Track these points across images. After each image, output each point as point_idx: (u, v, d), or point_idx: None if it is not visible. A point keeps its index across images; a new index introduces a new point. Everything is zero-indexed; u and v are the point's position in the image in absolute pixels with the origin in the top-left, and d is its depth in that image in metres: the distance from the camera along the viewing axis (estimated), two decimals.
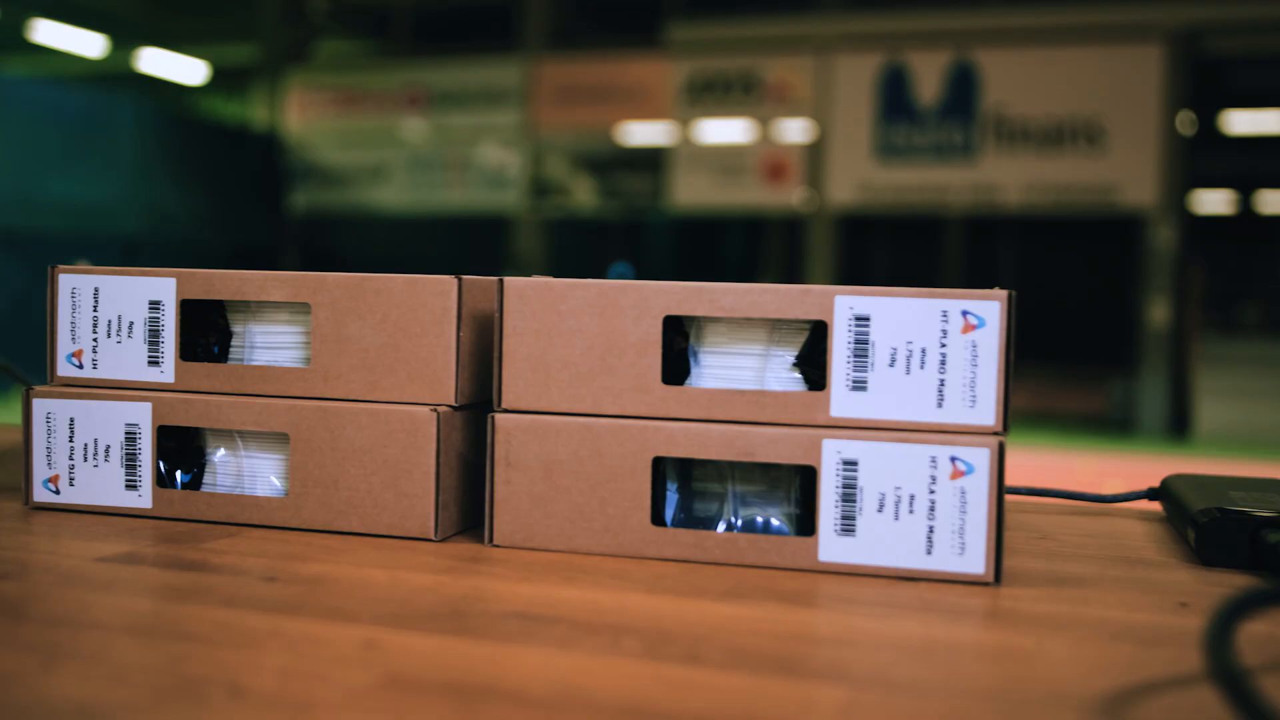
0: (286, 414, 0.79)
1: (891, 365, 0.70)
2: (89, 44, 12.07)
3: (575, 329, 0.74)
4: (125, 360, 0.83)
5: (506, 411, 0.76)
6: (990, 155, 9.48)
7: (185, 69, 13.33)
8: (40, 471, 0.84)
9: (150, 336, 0.82)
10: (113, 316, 0.83)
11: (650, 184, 11.52)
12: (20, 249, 9.21)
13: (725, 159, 10.81)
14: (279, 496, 0.80)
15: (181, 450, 0.83)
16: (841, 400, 0.70)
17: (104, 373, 0.84)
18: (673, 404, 0.73)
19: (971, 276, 10.17)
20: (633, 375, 0.73)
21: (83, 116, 10.40)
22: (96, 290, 0.83)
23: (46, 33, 11.39)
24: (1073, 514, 0.91)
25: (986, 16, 9.53)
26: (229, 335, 0.84)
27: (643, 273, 12.32)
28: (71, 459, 0.83)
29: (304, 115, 12.30)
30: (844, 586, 0.67)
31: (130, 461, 0.82)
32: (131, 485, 0.82)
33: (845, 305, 0.70)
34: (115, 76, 12.97)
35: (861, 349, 0.70)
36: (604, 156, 11.75)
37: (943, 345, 0.69)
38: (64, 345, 0.84)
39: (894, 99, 9.85)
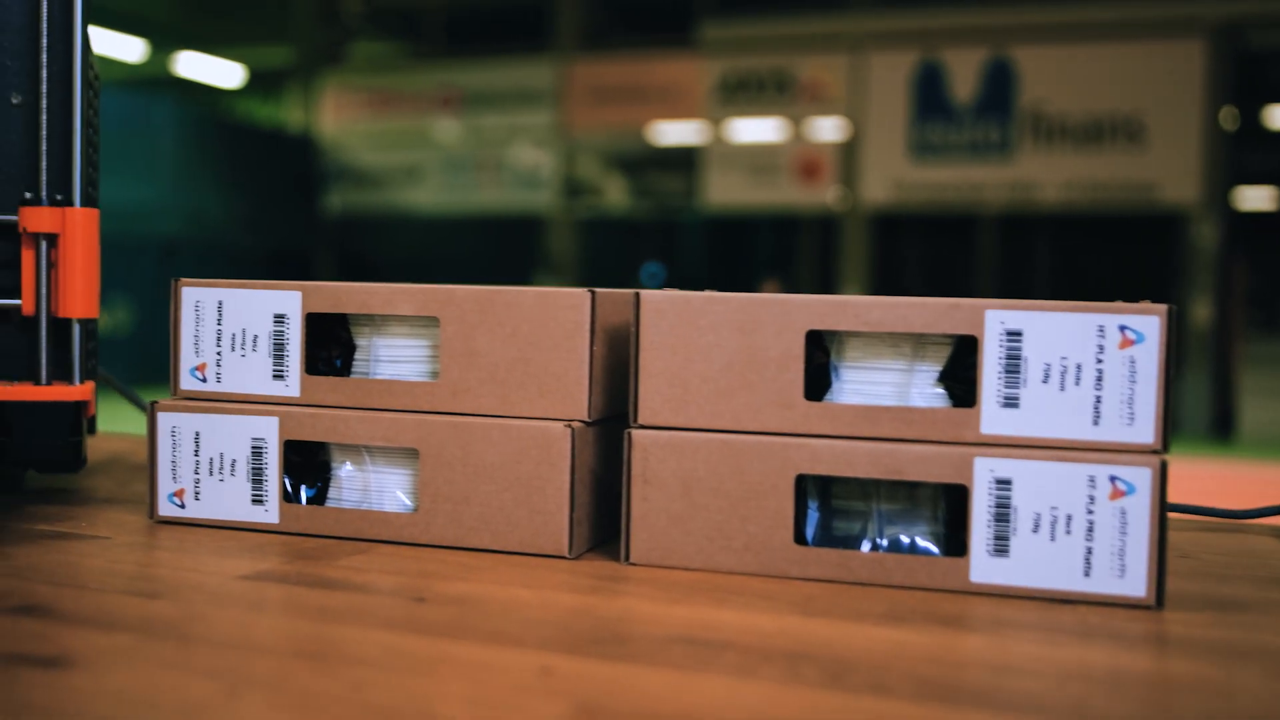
0: (416, 429, 0.78)
1: (1045, 381, 0.68)
2: (128, 48, 12.15)
3: (714, 344, 0.73)
4: (249, 374, 0.82)
5: (643, 427, 0.75)
6: (1027, 153, 9.42)
7: (222, 72, 13.40)
8: (165, 486, 0.83)
9: (275, 350, 0.82)
10: (237, 330, 0.83)
11: (683, 183, 11.51)
12: None
13: (758, 158, 10.78)
14: (408, 512, 0.79)
15: (306, 465, 0.82)
16: (992, 417, 0.69)
17: (227, 386, 0.83)
18: (815, 420, 0.72)
19: (1006, 275, 10.11)
20: (774, 391, 0.72)
21: (122, 120, 10.46)
22: (220, 303, 0.83)
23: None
24: (1201, 530, 0.89)
25: (1024, 13, 9.47)
26: (352, 349, 0.83)
27: (675, 272, 12.30)
28: (197, 473, 0.82)
29: (338, 117, 12.34)
30: (1001, 609, 0.66)
31: (257, 476, 0.81)
32: (258, 500, 0.81)
33: (996, 320, 0.69)
34: (154, 80, 13.05)
35: (1013, 364, 0.69)
36: (636, 156, 11.74)
37: (1099, 361, 0.68)
38: (187, 358, 0.84)
39: (929, 97, 9.80)
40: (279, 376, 0.82)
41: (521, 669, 0.54)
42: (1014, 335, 0.69)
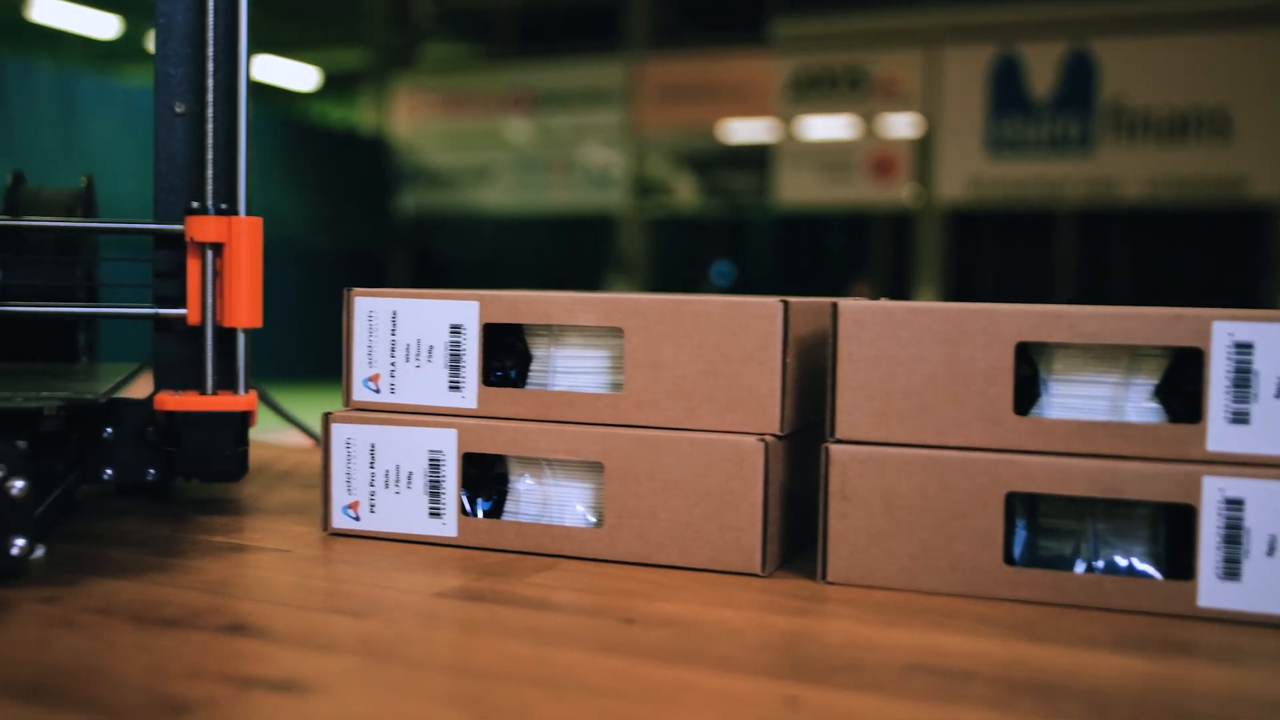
0: (600, 442, 0.76)
1: (1278, 396, 0.65)
2: None
3: (917, 356, 0.71)
4: (425, 385, 0.81)
5: (841, 442, 0.72)
6: (1108, 147, 9.26)
7: (297, 75, 13.54)
8: (339, 498, 0.82)
9: (451, 361, 0.81)
10: (411, 340, 0.81)
11: (754, 182, 11.45)
12: (119, 249, 9.38)
13: (830, 155, 10.70)
14: (592, 527, 0.77)
15: (483, 477, 0.81)
16: (1220, 434, 0.66)
17: (402, 398, 0.82)
18: (1026, 436, 0.69)
19: (1086, 272, 9.95)
20: (981, 405, 0.70)
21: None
22: (394, 314, 0.82)
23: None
24: None
25: (1103, 4, 9.31)
26: (527, 359, 0.82)
27: (745, 272, 12.25)
28: (372, 486, 0.81)
29: (411, 118, 12.43)
30: (1237, 636, 0.63)
31: (434, 489, 0.80)
32: (435, 513, 0.80)
33: (1224, 332, 0.66)
34: None
35: (1243, 378, 0.65)
36: (707, 155, 11.70)
37: None
38: (360, 369, 0.83)
39: (1006, 91, 9.66)
40: (455, 388, 0.81)
41: (766, 699, 0.52)
42: (1244, 348, 0.65)
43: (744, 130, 11.33)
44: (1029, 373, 0.71)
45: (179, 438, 0.88)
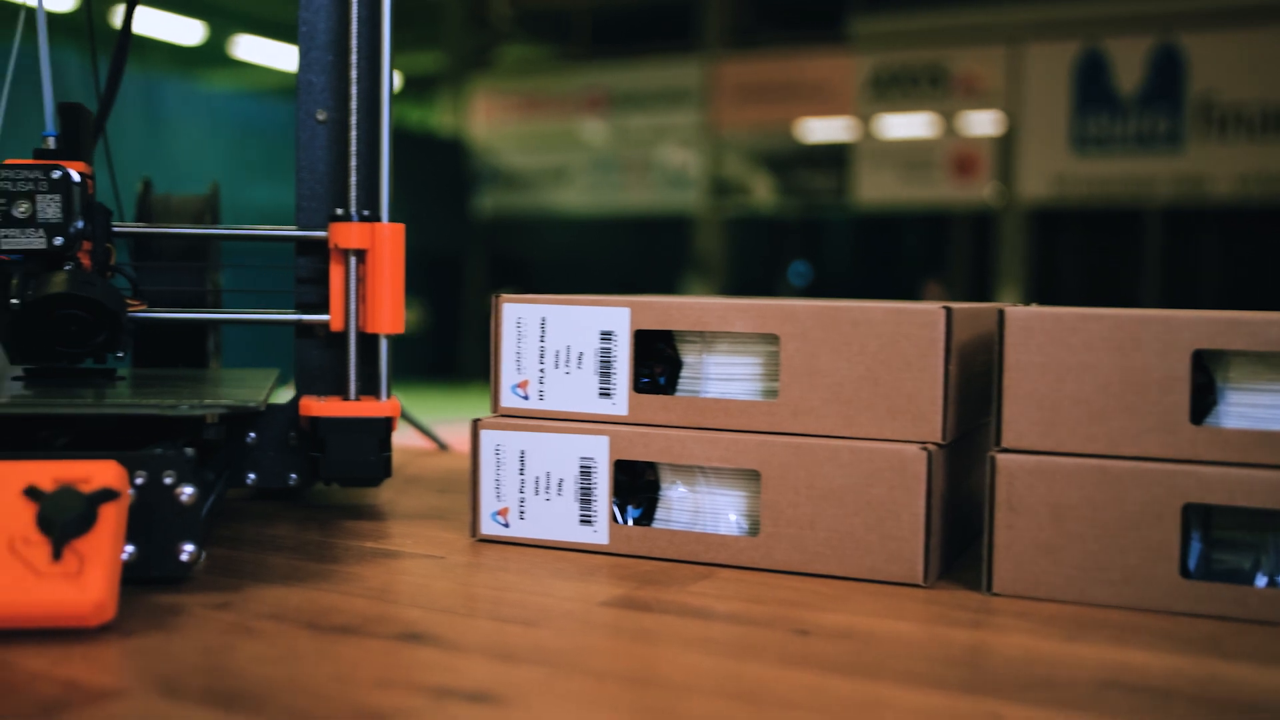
0: (757, 450, 0.75)
1: None
2: (286, 57, 12.49)
3: (1088, 364, 0.69)
4: (574, 392, 0.81)
5: (1008, 451, 0.71)
6: (1198, 144, 9.07)
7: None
8: (488, 504, 0.82)
9: (601, 368, 0.80)
10: (561, 347, 0.81)
11: (831, 181, 11.38)
12: (227, 255, 9.56)
13: (910, 154, 10.60)
14: (747, 536, 0.76)
15: (634, 484, 0.81)
16: None
17: (551, 404, 0.82)
18: (1203, 446, 0.67)
19: (1174, 272, 9.76)
20: (1156, 414, 0.68)
21: (281, 127, 10.75)
22: (544, 320, 0.82)
23: (247, 48, 11.83)
24: None
25: None
26: (678, 365, 0.81)
27: (822, 272, 12.17)
28: (521, 492, 0.81)
29: (488, 120, 12.52)
30: None
31: (585, 496, 0.80)
32: (586, 520, 0.80)
33: None
34: None
35: None
36: (784, 154, 11.64)
37: None
38: (508, 375, 0.83)
39: (1091, 87, 9.50)
40: (605, 394, 0.80)
41: (969, 716, 0.50)
42: None
43: (822, 129, 11.26)
44: (1203, 381, 0.69)
45: (324, 443, 0.88)
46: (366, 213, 0.91)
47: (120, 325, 0.79)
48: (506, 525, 0.82)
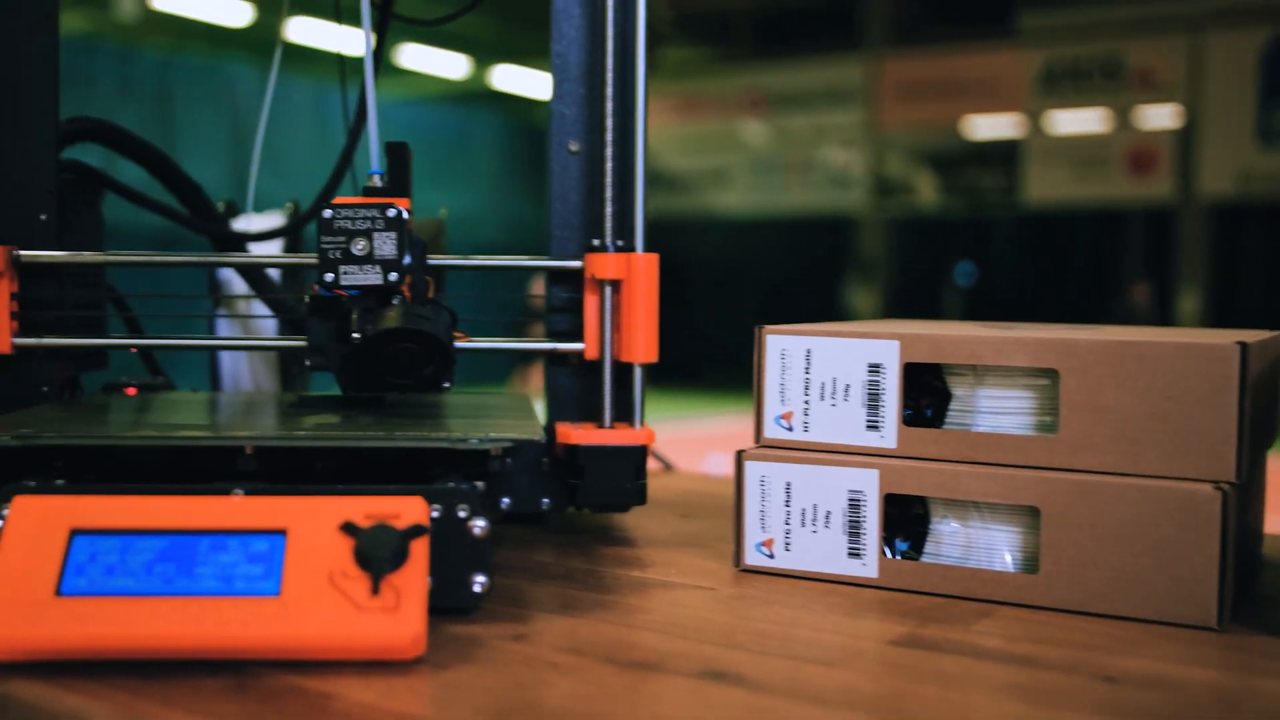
0: (1036, 486, 0.74)
1: None
2: (452, 65, 12.77)
3: None
4: (841, 424, 0.81)
5: None
6: None
7: (538, 83, 13.91)
8: (753, 535, 0.83)
9: (869, 400, 0.80)
10: (827, 379, 0.81)
11: (998, 180, 11.14)
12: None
13: (1083, 150, 10.31)
14: (1024, 573, 0.75)
15: (901, 518, 0.80)
16: None
17: (816, 436, 0.82)
18: None
19: None
20: None
21: (446, 133, 11.02)
22: (808, 351, 0.82)
23: (412, 57, 12.13)
24: None
25: None
26: (946, 397, 0.80)
27: (988, 273, 11.92)
28: (787, 524, 0.82)
29: (649, 121, 12.59)
30: None
31: (854, 529, 0.79)
32: (854, 553, 0.80)
33: None
34: (474, 94, 13.67)
35: None
36: (950, 153, 11.45)
37: None
38: (772, 407, 0.83)
39: (1279, 77, 9.10)
40: (873, 427, 0.80)
41: None
42: None
43: (989, 126, 11.04)
44: None
45: (581, 470, 0.90)
46: (621, 243, 0.92)
47: (450, 357, 0.82)
48: (771, 556, 0.82)
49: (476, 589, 0.69)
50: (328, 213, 0.82)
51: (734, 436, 1.11)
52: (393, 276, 0.82)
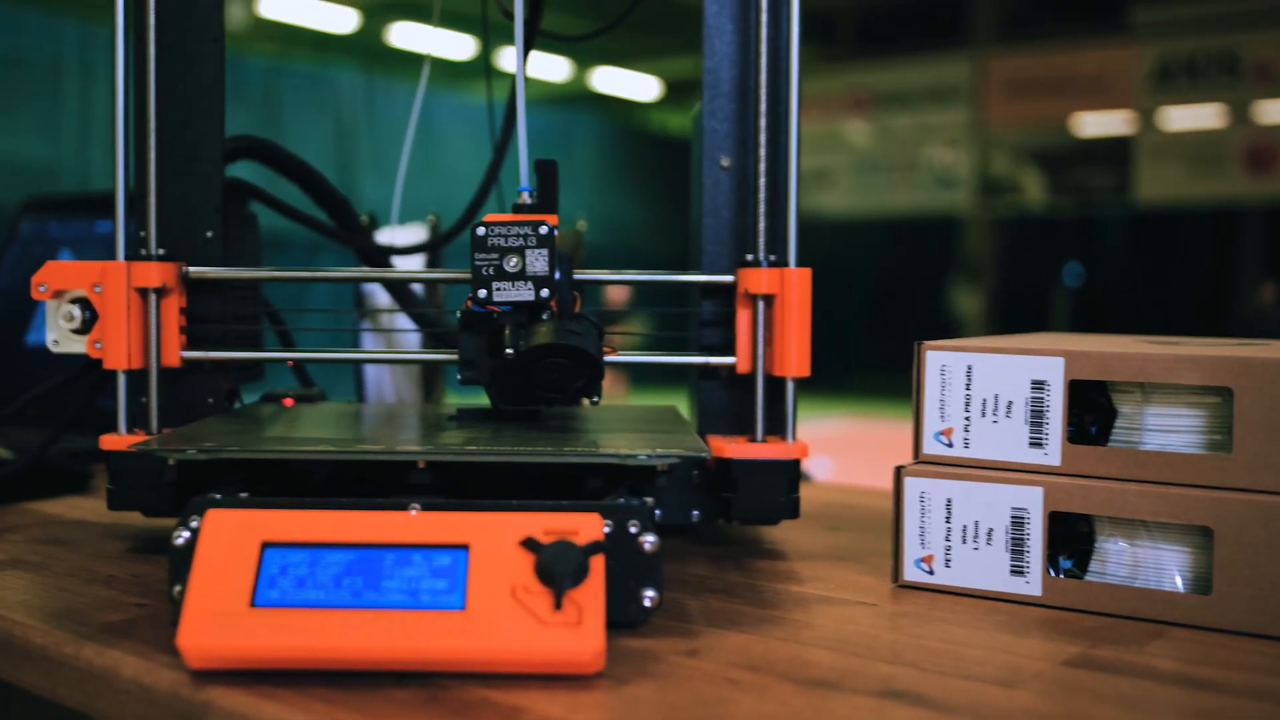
0: (1209, 507, 0.73)
1: None
2: (553, 68, 12.88)
3: None
4: (1002, 441, 0.80)
5: None
6: None
7: (638, 85, 13.97)
8: (912, 550, 0.83)
9: (1033, 417, 0.79)
10: (988, 395, 0.81)
11: (1108, 178, 10.91)
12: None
13: (1198, 147, 10.06)
14: (1196, 594, 0.74)
15: (1064, 536, 0.79)
16: None
17: (976, 452, 0.81)
18: None
19: None
20: None
21: (547, 135, 11.11)
22: (969, 368, 0.82)
23: (513, 60, 12.25)
24: None
25: None
26: (1112, 415, 0.80)
27: (1096, 274, 11.69)
28: (948, 540, 0.81)
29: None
30: None
31: (1017, 546, 0.79)
32: (1018, 571, 0.79)
33: None
34: (575, 96, 13.78)
35: None
36: (1058, 151, 11.24)
37: None
38: (931, 422, 0.83)
39: None
40: (1036, 444, 0.79)
41: None
42: None
43: (1099, 123, 10.83)
44: None
45: (735, 483, 0.91)
46: (773, 257, 0.93)
47: (600, 372, 0.83)
48: (931, 573, 0.82)
49: (646, 604, 0.70)
50: (480, 230, 0.84)
51: (841, 440, 1.11)
52: (544, 292, 0.83)
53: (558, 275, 0.83)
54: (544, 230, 0.83)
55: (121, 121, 0.91)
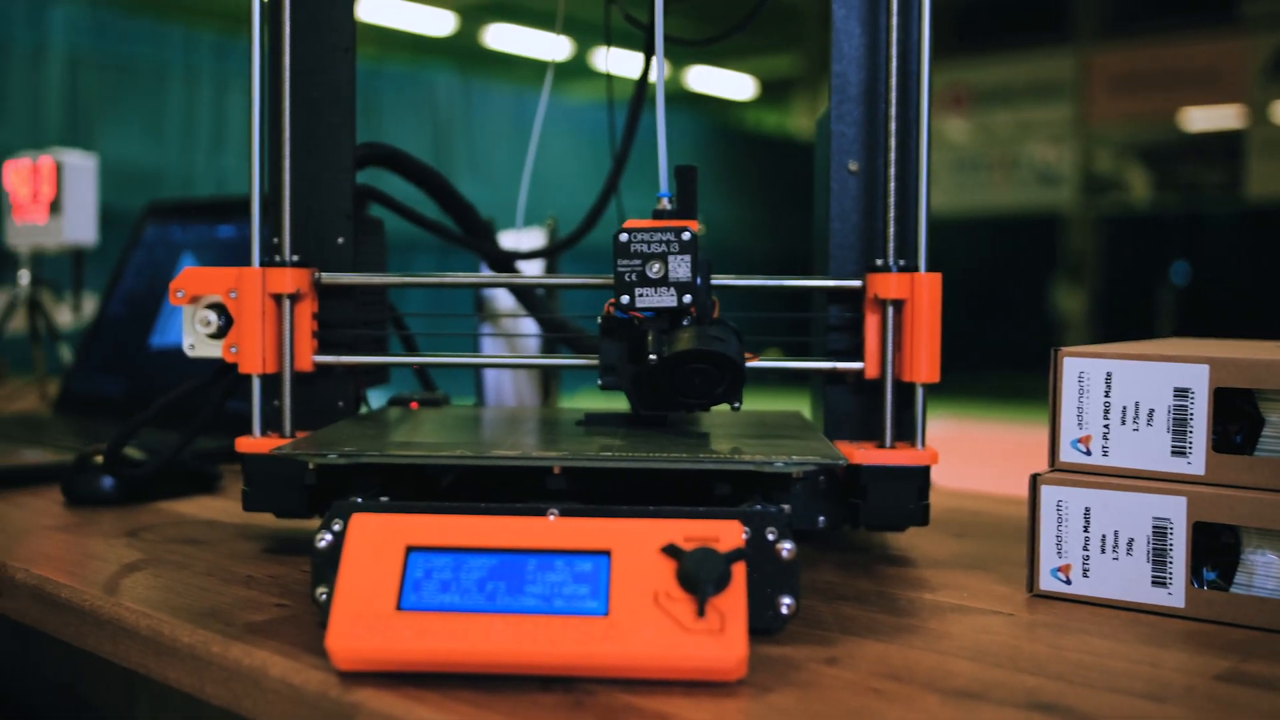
0: None
1: None
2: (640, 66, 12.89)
3: None
4: (1143, 449, 0.79)
5: None
6: None
7: (733, 84, 13.94)
8: (1048, 560, 0.82)
9: (1175, 425, 0.78)
10: (1128, 403, 0.79)
11: (1218, 174, 10.63)
12: (590, 260, 9.99)
13: None
14: None
15: (1208, 547, 0.78)
16: None
17: (1115, 461, 0.80)
18: None
19: None
20: None
21: (643, 134, 11.09)
22: (1109, 375, 0.80)
23: (612, 62, 12.30)
24: None
25: None
26: (1258, 423, 0.78)
27: (1204, 273, 11.39)
28: (1086, 550, 0.80)
29: None
30: None
31: (1158, 557, 0.78)
32: (1159, 582, 0.78)
33: None
34: (669, 95, 13.79)
35: None
36: (1165, 147, 10.98)
37: None
38: (1068, 430, 0.82)
39: None
40: (1179, 453, 0.78)
41: None
42: None
43: (1208, 118, 10.55)
44: None
45: (864, 489, 0.90)
46: (903, 262, 0.92)
47: (742, 377, 0.84)
48: (1068, 582, 0.81)
49: (784, 611, 0.70)
50: (623, 236, 0.84)
51: (948, 441, 1.10)
52: (686, 298, 0.83)
53: (699, 281, 0.83)
54: (686, 236, 0.83)
55: (257, 130, 0.93)
